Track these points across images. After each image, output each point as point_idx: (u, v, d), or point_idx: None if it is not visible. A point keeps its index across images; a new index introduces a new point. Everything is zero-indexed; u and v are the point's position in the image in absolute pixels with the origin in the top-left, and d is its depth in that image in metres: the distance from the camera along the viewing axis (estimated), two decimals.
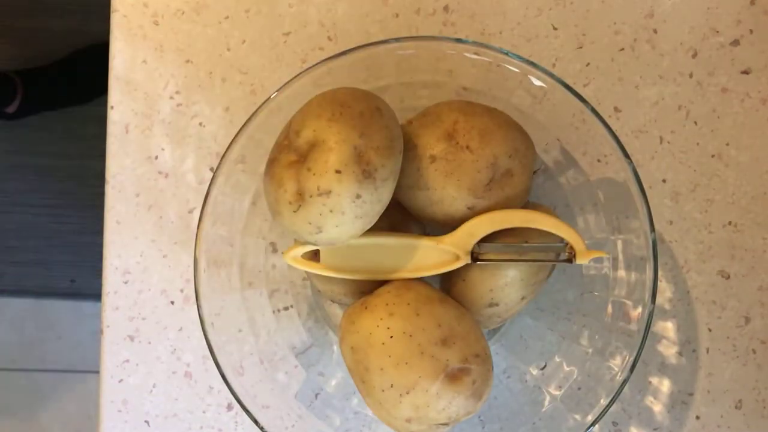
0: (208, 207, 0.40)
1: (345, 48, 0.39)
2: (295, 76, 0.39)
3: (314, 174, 0.35)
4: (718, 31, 0.48)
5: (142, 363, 0.49)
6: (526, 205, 0.41)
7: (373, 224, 0.37)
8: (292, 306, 0.46)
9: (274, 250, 0.45)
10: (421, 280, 0.40)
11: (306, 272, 0.42)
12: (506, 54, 0.39)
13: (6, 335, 1.27)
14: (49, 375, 1.27)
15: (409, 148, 0.38)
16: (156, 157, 0.49)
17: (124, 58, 0.49)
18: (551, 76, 0.38)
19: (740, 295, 0.47)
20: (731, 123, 0.47)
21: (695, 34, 0.48)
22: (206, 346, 0.40)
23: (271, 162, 0.37)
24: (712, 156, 0.47)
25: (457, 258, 0.39)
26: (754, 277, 0.47)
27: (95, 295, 1.17)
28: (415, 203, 0.40)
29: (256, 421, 0.40)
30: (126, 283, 0.49)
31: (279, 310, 0.45)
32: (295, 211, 0.36)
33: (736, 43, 0.48)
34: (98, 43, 1.12)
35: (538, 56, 0.48)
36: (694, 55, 0.48)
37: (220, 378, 0.40)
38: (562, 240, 0.39)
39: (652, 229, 0.38)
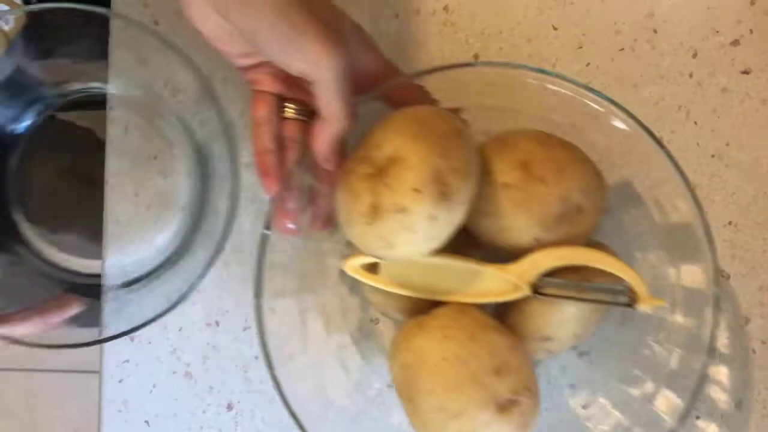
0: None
1: None
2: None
3: (392, 190, 0.34)
4: (718, 31, 0.48)
5: (142, 363, 0.49)
6: (587, 243, 0.40)
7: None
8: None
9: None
10: (477, 305, 0.40)
11: (359, 282, 0.41)
12: (590, 91, 0.38)
13: None
14: (49, 375, 1.27)
15: (482, 173, 0.38)
16: (155, 157, 0.49)
17: (124, 58, 0.49)
18: (633, 118, 0.38)
19: (740, 295, 0.47)
20: (731, 123, 0.47)
21: (695, 34, 0.48)
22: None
23: (347, 173, 0.37)
24: (712, 156, 0.47)
25: (518, 288, 0.39)
26: (754, 277, 0.47)
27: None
28: (480, 228, 0.39)
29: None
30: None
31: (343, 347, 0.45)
32: (367, 224, 0.35)
33: (736, 43, 0.47)
34: None
35: (538, 56, 0.48)
36: (694, 55, 0.48)
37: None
38: (623, 282, 0.38)
39: (716, 283, 0.38)
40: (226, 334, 0.48)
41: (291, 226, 0.41)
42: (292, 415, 0.39)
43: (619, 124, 0.39)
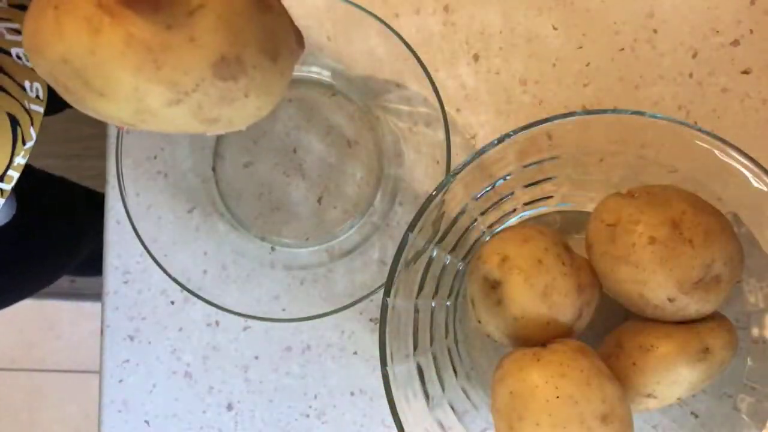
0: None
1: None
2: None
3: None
4: (718, 31, 0.48)
5: (142, 363, 0.49)
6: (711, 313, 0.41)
7: None
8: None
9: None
10: (594, 350, 0.40)
11: (474, 312, 0.42)
12: (739, 153, 0.36)
13: (6, 335, 1.27)
14: (49, 375, 1.27)
15: (631, 222, 0.38)
16: (155, 157, 0.49)
17: None
18: None
19: None
20: (731, 123, 0.47)
21: (695, 34, 0.48)
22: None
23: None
24: None
25: None
26: None
27: (95, 295, 1.17)
28: (615, 275, 0.39)
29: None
30: (126, 283, 0.49)
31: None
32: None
33: (736, 43, 0.47)
34: None
35: (538, 56, 0.48)
36: (694, 55, 0.48)
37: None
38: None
39: None
40: (226, 334, 0.48)
41: None
42: None
43: (757, 183, 0.37)
